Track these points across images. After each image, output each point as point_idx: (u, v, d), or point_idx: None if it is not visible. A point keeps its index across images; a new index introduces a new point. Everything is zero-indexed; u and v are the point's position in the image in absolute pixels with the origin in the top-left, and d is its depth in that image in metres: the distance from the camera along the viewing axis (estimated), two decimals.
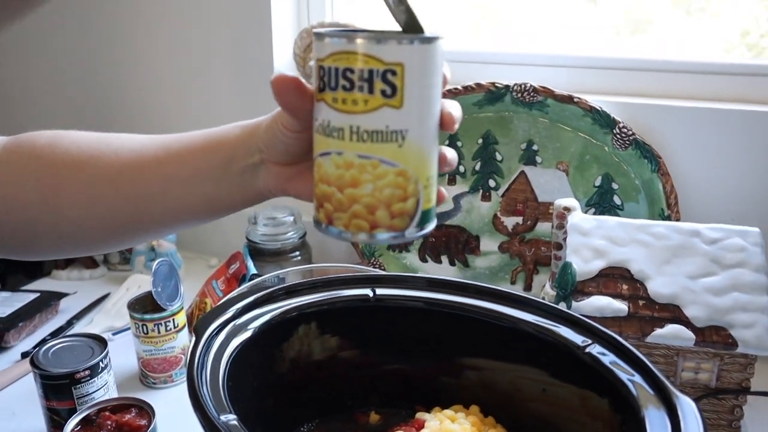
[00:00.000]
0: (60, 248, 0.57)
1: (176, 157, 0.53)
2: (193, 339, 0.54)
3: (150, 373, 0.82)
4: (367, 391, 0.68)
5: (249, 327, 0.58)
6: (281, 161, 0.50)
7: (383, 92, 0.39)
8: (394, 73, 0.39)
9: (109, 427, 0.59)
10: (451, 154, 0.47)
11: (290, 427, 0.64)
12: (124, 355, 0.87)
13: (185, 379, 0.82)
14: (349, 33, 0.40)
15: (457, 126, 0.45)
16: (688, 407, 0.46)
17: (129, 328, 0.92)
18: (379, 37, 0.39)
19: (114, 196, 0.53)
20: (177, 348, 0.82)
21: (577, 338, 0.57)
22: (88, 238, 0.56)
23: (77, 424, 0.59)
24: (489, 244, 0.96)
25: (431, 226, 0.45)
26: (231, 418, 0.46)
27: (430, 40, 0.40)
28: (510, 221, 0.95)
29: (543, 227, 0.93)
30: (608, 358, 0.54)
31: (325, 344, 0.66)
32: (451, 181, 0.96)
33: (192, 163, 0.52)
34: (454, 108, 0.44)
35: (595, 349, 0.55)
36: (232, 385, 0.51)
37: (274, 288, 0.63)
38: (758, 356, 0.68)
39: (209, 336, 0.54)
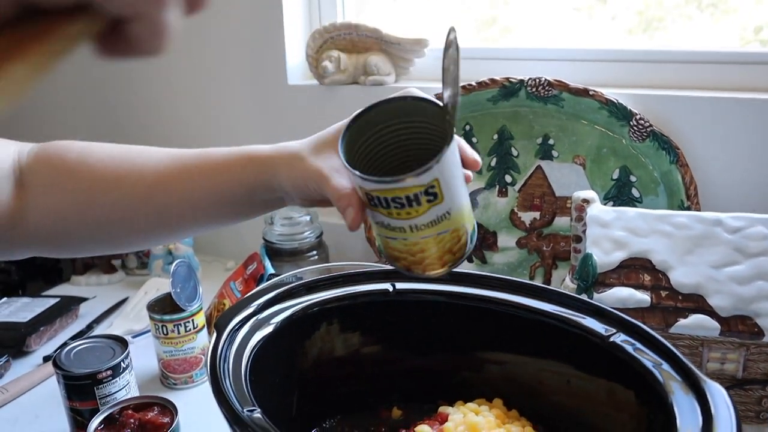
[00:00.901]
0: (93, 249, 0.61)
1: (199, 184, 0.56)
2: (215, 334, 0.54)
3: (170, 374, 0.82)
4: (390, 387, 0.68)
5: (271, 322, 0.58)
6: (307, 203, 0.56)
7: (428, 200, 0.47)
8: (432, 186, 0.46)
9: (133, 425, 0.59)
10: (471, 170, 0.55)
11: (312, 422, 0.64)
12: (144, 357, 0.87)
13: (206, 379, 0.83)
14: (384, 178, 0.46)
15: (479, 161, 0.54)
16: (717, 393, 0.45)
17: (148, 331, 0.92)
18: (416, 170, 0.45)
19: (143, 211, 0.57)
20: (197, 348, 0.82)
21: (601, 328, 0.57)
22: (119, 241, 0.60)
23: (101, 423, 0.59)
24: (506, 239, 0.95)
25: (476, 232, 0.54)
26: (255, 411, 0.46)
27: (450, 140, 0.45)
28: (527, 216, 0.94)
29: (561, 222, 0.93)
30: (633, 347, 0.54)
31: (347, 341, 0.66)
32: (466, 178, 0.96)
33: (215, 191, 0.56)
34: (471, 158, 0.53)
35: (620, 338, 0.55)
36: (254, 379, 0.51)
37: (295, 284, 0.63)
38: None
39: (231, 331, 0.54)
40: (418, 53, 1.01)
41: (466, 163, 0.53)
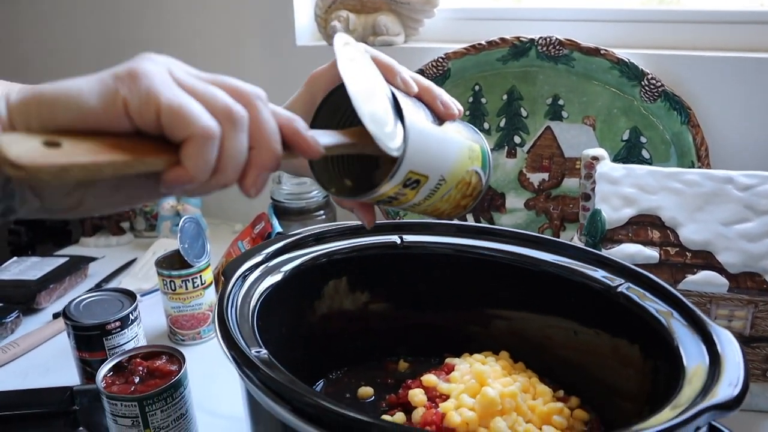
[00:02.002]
0: None
1: None
2: (223, 280, 0.54)
3: (178, 330, 0.82)
4: (396, 342, 0.68)
5: (280, 270, 0.58)
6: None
7: (413, 188, 0.47)
8: (409, 178, 0.45)
9: (141, 372, 0.59)
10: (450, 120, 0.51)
11: (319, 373, 0.64)
12: (152, 315, 0.87)
13: (213, 336, 0.84)
14: (357, 195, 0.46)
15: (455, 109, 0.50)
16: (724, 336, 0.45)
17: (157, 290, 0.93)
18: (389, 174, 0.44)
19: None
20: (204, 305, 0.82)
21: (609, 278, 0.56)
22: None
23: (110, 370, 0.60)
24: (515, 201, 0.95)
25: (490, 156, 0.52)
26: (262, 352, 0.46)
27: (406, 130, 0.44)
28: (536, 178, 0.94)
29: (569, 183, 0.92)
30: (641, 296, 0.54)
31: (355, 300, 0.66)
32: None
33: None
34: (444, 111, 0.49)
35: (627, 288, 0.55)
36: (261, 325, 0.51)
37: (304, 234, 0.62)
38: None
39: (239, 277, 0.54)
40: (427, 13, 1.00)
41: (442, 118, 0.50)
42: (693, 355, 0.44)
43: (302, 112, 0.52)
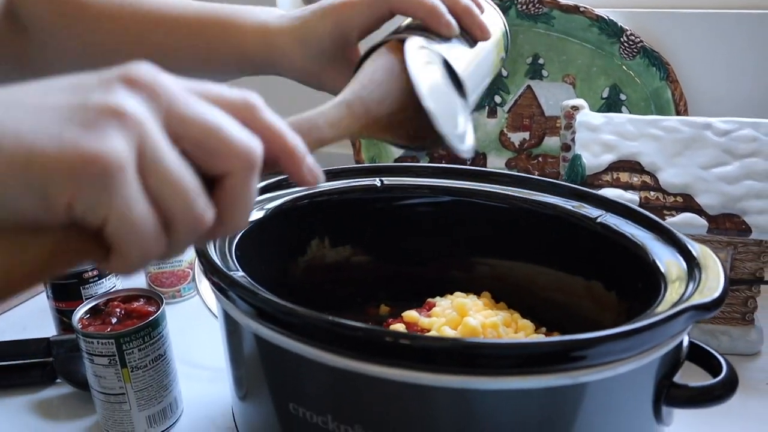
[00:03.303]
0: None
1: (192, 45, 0.56)
2: None
3: (158, 288, 0.81)
4: (378, 290, 0.68)
5: (262, 207, 0.57)
6: None
7: None
8: None
9: (118, 314, 0.58)
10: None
11: None
12: (131, 278, 0.86)
13: (194, 293, 0.83)
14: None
15: (490, 33, 0.51)
16: (702, 249, 0.45)
17: None
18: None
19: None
20: (185, 262, 0.81)
21: (590, 211, 0.57)
22: None
23: (86, 313, 0.59)
24: (496, 161, 0.95)
25: (509, 33, 0.57)
26: (240, 274, 0.46)
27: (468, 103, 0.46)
28: (516, 137, 0.94)
29: (550, 142, 0.93)
30: (622, 225, 0.54)
31: (338, 252, 0.66)
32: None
33: (205, 50, 0.56)
34: (480, 25, 0.50)
35: (608, 219, 0.55)
36: (240, 256, 0.51)
37: (282, 177, 0.62)
38: None
39: None
40: None
41: (478, 40, 0.50)
42: (672, 268, 0.45)
43: (331, 46, 0.52)
